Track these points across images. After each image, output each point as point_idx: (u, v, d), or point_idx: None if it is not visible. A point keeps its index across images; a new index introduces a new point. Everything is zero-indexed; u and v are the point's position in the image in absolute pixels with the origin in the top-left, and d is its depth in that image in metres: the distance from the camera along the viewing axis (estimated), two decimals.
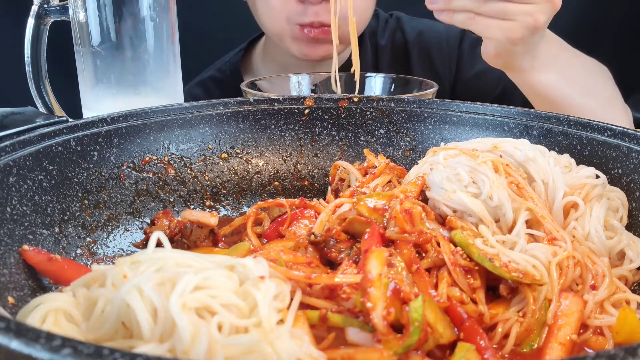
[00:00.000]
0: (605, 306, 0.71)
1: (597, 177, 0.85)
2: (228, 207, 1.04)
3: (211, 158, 1.05)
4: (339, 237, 0.77)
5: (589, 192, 0.82)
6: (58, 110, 1.28)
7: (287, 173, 1.09)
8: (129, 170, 0.95)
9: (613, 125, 0.90)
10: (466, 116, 1.04)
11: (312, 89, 1.52)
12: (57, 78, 1.32)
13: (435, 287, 0.68)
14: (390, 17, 1.87)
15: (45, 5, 1.23)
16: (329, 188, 1.04)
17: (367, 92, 1.47)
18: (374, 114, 1.09)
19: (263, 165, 1.08)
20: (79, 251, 0.84)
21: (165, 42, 1.19)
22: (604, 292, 0.71)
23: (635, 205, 0.84)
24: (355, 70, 1.37)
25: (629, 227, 0.82)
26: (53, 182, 0.83)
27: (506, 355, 0.66)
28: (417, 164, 0.92)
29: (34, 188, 0.79)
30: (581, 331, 0.69)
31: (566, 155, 0.90)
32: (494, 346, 0.66)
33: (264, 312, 0.57)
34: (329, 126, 1.10)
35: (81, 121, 0.91)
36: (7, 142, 0.79)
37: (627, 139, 0.87)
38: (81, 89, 1.20)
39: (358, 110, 1.09)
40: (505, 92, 1.68)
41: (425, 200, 0.84)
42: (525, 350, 0.66)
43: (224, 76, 1.84)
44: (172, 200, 0.99)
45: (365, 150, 1.03)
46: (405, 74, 1.53)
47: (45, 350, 0.38)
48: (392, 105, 1.09)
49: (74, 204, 0.86)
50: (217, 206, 1.03)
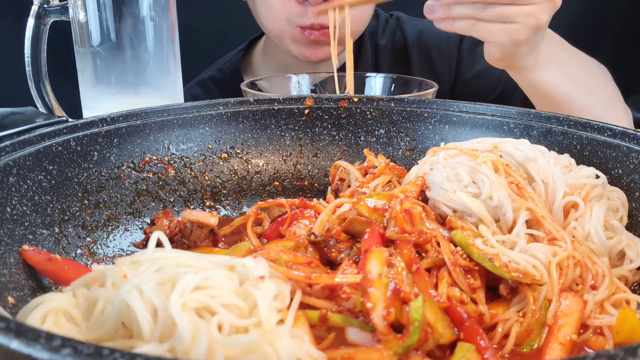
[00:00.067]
0: (605, 306, 0.71)
1: (597, 177, 0.85)
2: (228, 207, 1.04)
3: (211, 158, 1.05)
4: (339, 237, 0.76)
5: (589, 192, 0.82)
6: (58, 110, 1.28)
7: (287, 173, 1.09)
8: (129, 170, 0.95)
9: (613, 125, 0.90)
10: (466, 116, 1.04)
11: (312, 89, 1.52)
12: (57, 78, 1.31)
13: (435, 287, 0.68)
14: (391, 17, 1.87)
15: (45, 5, 1.23)
16: (329, 188, 1.04)
17: (367, 92, 1.47)
18: (374, 114, 1.09)
19: (263, 165, 1.08)
20: (79, 251, 0.84)
21: (165, 42, 1.19)
22: (604, 292, 0.71)
23: (635, 205, 0.84)
24: (349, 86, 1.37)
25: (629, 227, 0.82)
26: (53, 182, 0.83)
27: (506, 355, 0.66)
28: (417, 164, 0.92)
29: (34, 188, 0.79)
30: (581, 331, 0.69)
31: (566, 155, 0.90)
32: (494, 346, 0.66)
33: (264, 312, 0.57)
34: (329, 126, 1.10)
35: (81, 121, 0.91)
36: (7, 142, 0.79)
37: (627, 139, 0.87)
38: (81, 89, 1.20)
39: (358, 110, 1.09)
40: (505, 92, 1.68)
41: (425, 200, 0.84)
42: (525, 350, 0.66)
43: (224, 76, 1.84)
44: (172, 200, 0.99)
45: (365, 150, 1.03)
46: (405, 74, 1.53)
47: (45, 350, 0.39)
48: (392, 105, 1.09)
49: (74, 204, 0.86)
50: (217, 206, 1.03)
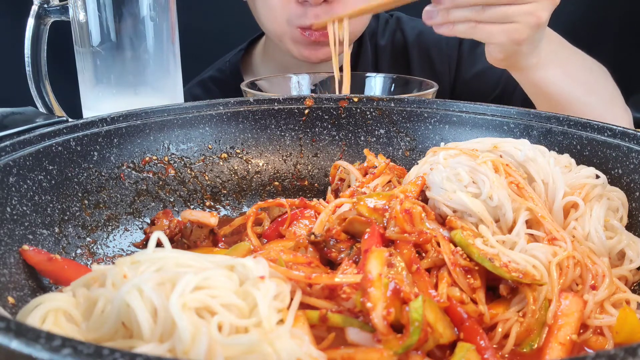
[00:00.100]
0: (605, 306, 0.71)
1: (597, 177, 0.85)
2: (228, 207, 1.04)
3: (211, 158, 1.04)
4: (339, 237, 0.76)
5: (589, 192, 0.82)
6: (58, 110, 1.28)
7: (287, 173, 1.09)
8: (129, 170, 0.95)
9: (613, 125, 0.90)
10: (466, 116, 1.04)
11: (312, 89, 1.52)
12: (57, 78, 1.31)
13: (435, 287, 0.68)
14: (391, 17, 1.87)
15: (45, 5, 1.23)
16: (329, 188, 1.04)
17: (367, 92, 1.47)
18: (374, 114, 1.09)
19: (263, 165, 1.08)
20: (79, 251, 0.84)
21: (165, 42, 1.19)
22: (604, 292, 0.71)
23: (635, 205, 0.84)
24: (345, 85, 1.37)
25: (629, 227, 0.82)
26: (53, 182, 0.83)
27: (506, 355, 0.66)
28: (417, 164, 0.92)
29: (34, 188, 0.79)
30: (581, 331, 0.69)
31: (566, 155, 0.90)
32: (494, 346, 0.66)
33: (264, 312, 0.57)
34: (329, 126, 1.10)
35: (81, 121, 0.91)
36: (7, 142, 0.79)
37: (627, 139, 0.87)
38: (81, 89, 1.20)
39: (358, 110, 1.09)
40: (505, 92, 1.68)
41: (425, 200, 0.84)
42: (525, 350, 0.66)
43: (224, 76, 1.84)
44: (172, 200, 0.99)
45: (365, 150, 1.03)
46: (405, 74, 1.53)
47: (45, 350, 0.38)
48: (392, 105, 1.09)
49: (74, 204, 0.86)
50: (217, 206, 1.03)
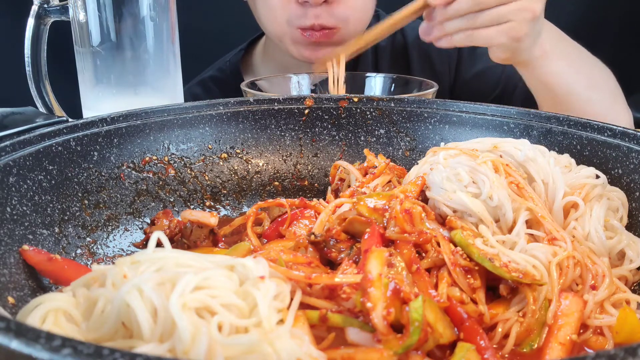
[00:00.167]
0: (605, 306, 0.71)
1: (597, 177, 0.85)
2: (228, 207, 1.04)
3: (211, 158, 1.04)
4: (339, 237, 0.76)
5: (589, 192, 0.82)
6: (58, 110, 1.28)
7: (287, 173, 1.09)
8: (129, 170, 0.95)
9: (613, 125, 0.90)
10: (466, 116, 1.04)
11: (312, 89, 1.52)
12: (57, 78, 1.31)
13: (435, 287, 0.68)
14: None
15: (45, 5, 1.23)
16: (329, 188, 1.04)
17: (367, 92, 1.47)
18: (374, 114, 1.09)
19: (263, 165, 1.08)
20: (79, 251, 0.84)
21: (165, 42, 1.19)
22: (604, 292, 0.71)
23: (635, 205, 0.84)
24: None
25: (629, 227, 0.82)
26: (53, 182, 0.83)
27: (506, 355, 0.66)
28: (417, 164, 0.92)
29: (34, 188, 0.79)
30: (581, 331, 0.69)
31: (566, 155, 0.90)
32: (494, 346, 0.66)
33: (264, 312, 0.57)
34: (329, 126, 1.10)
35: (81, 121, 0.91)
36: (7, 142, 0.79)
37: (627, 139, 0.87)
38: (81, 89, 1.20)
39: (358, 110, 1.09)
40: (505, 91, 1.68)
41: (425, 200, 0.84)
42: (525, 350, 0.66)
43: (224, 76, 1.84)
44: (172, 200, 0.99)
45: (365, 150, 1.03)
46: (405, 74, 1.53)
47: (45, 350, 0.38)
48: (392, 105, 1.09)
49: (74, 204, 0.86)
50: (217, 206, 1.03)
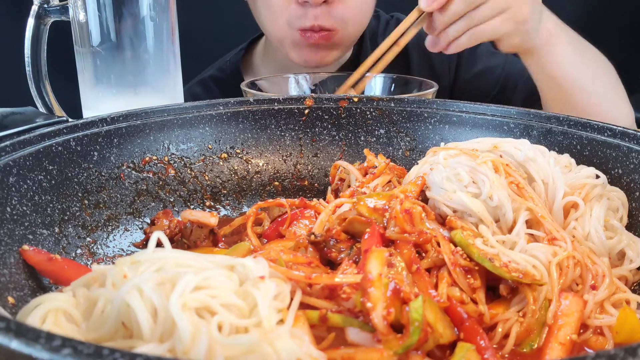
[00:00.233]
0: (605, 306, 0.71)
1: (597, 177, 0.85)
2: (228, 207, 1.04)
3: (211, 158, 1.04)
4: (339, 237, 0.76)
5: (589, 192, 0.82)
6: (58, 110, 1.28)
7: (287, 173, 1.09)
8: (129, 170, 0.95)
9: (613, 125, 0.90)
10: (466, 116, 1.04)
11: (312, 89, 1.52)
12: (57, 78, 1.31)
13: (435, 287, 0.68)
14: (391, 18, 1.87)
15: (45, 5, 1.23)
16: (329, 188, 1.04)
17: (367, 92, 1.47)
18: (374, 114, 1.09)
19: (263, 165, 1.08)
20: (79, 251, 0.84)
21: (165, 42, 1.19)
22: (604, 292, 0.71)
23: (635, 205, 0.84)
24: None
25: (629, 227, 0.82)
26: (53, 182, 0.83)
27: (506, 355, 0.66)
28: (417, 164, 0.92)
29: (34, 188, 0.79)
30: (581, 331, 0.69)
31: (566, 155, 0.90)
32: (494, 346, 0.66)
33: (264, 312, 0.57)
34: (329, 126, 1.10)
35: (81, 121, 0.91)
36: (7, 142, 0.79)
37: (627, 139, 0.87)
38: (81, 89, 1.20)
39: (358, 110, 1.09)
40: (505, 90, 1.69)
41: (425, 200, 0.84)
42: (525, 350, 0.66)
43: (224, 75, 1.85)
44: (172, 200, 0.99)
45: (365, 150, 1.03)
46: (405, 74, 1.53)
47: (45, 350, 0.38)
48: (392, 105, 1.09)
49: (74, 204, 0.86)
50: (217, 206, 1.03)
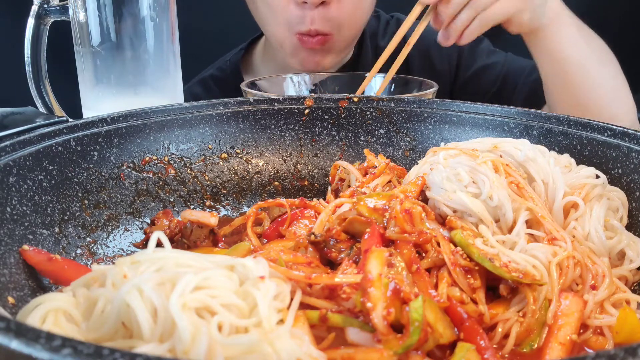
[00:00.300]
0: (605, 306, 0.71)
1: (597, 177, 0.85)
2: (228, 207, 1.04)
3: (211, 158, 1.04)
4: (339, 237, 0.76)
5: (589, 192, 0.82)
6: (58, 110, 1.28)
7: (287, 173, 1.09)
8: (129, 170, 0.95)
9: (613, 125, 0.90)
10: (466, 116, 1.04)
11: (312, 89, 1.52)
12: (57, 78, 1.31)
13: (435, 287, 0.68)
14: (391, 18, 1.87)
15: (45, 5, 1.23)
16: (329, 188, 1.04)
17: (367, 92, 1.47)
18: (374, 114, 1.09)
19: (263, 165, 1.08)
20: (79, 251, 0.84)
21: (165, 42, 1.19)
22: (604, 292, 0.71)
23: (635, 205, 0.84)
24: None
25: (629, 227, 0.82)
26: (53, 182, 0.83)
27: (506, 355, 0.66)
28: (417, 164, 0.92)
29: (34, 188, 0.79)
30: (581, 331, 0.69)
31: (566, 155, 0.90)
32: (494, 346, 0.66)
33: (264, 312, 0.57)
34: (329, 126, 1.10)
35: (81, 121, 0.91)
36: (7, 142, 0.79)
37: (627, 139, 0.87)
38: (81, 89, 1.20)
39: (358, 110, 1.09)
40: (505, 88, 1.69)
41: (425, 200, 0.84)
42: (525, 350, 0.66)
43: (224, 75, 1.85)
44: (172, 200, 0.99)
45: (365, 150, 1.03)
46: (405, 74, 1.53)
47: (45, 350, 0.38)
48: (392, 105, 1.09)
49: (74, 204, 0.86)
50: (217, 206, 1.03)
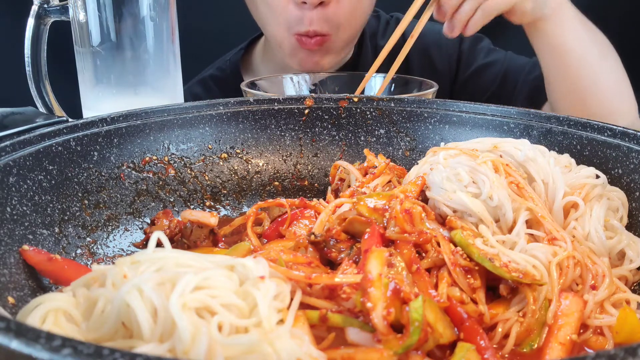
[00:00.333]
0: (605, 306, 0.71)
1: (597, 177, 0.85)
2: (228, 207, 1.04)
3: (211, 158, 1.04)
4: (339, 237, 0.76)
5: (589, 192, 0.82)
6: (58, 110, 1.28)
7: (287, 173, 1.09)
8: (129, 170, 0.95)
9: (613, 125, 0.90)
10: (466, 116, 1.04)
11: (312, 89, 1.52)
12: (57, 78, 1.31)
13: (435, 287, 0.68)
14: (391, 18, 1.87)
15: (45, 5, 1.23)
16: (329, 188, 1.04)
17: (367, 92, 1.47)
18: (374, 114, 1.09)
19: (263, 165, 1.08)
20: (79, 251, 0.84)
21: (165, 42, 1.19)
22: (604, 292, 0.71)
23: (635, 205, 0.84)
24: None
25: (629, 227, 0.82)
26: (53, 182, 0.83)
27: (506, 355, 0.66)
28: (417, 164, 0.92)
29: (34, 188, 0.79)
30: (581, 331, 0.69)
31: (566, 155, 0.90)
32: (494, 346, 0.66)
33: (264, 312, 0.57)
34: (329, 126, 1.10)
35: (81, 121, 0.91)
36: (7, 142, 0.79)
37: (627, 139, 0.87)
38: (81, 89, 1.20)
39: (358, 110, 1.09)
40: (505, 87, 1.69)
41: (425, 200, 0.84)
42: (525, 350, 0.66)
43: (224, 75, 1.85)
44: (172, 200, 0.99)
45: (365, 150, 1.03)
46: (405, 74, 1.53)
47: (45, 350, 0.38)
48: (392, 105, 1.09)
49: (74, 204, 0.86)
50: (217, 206, 1.03)
